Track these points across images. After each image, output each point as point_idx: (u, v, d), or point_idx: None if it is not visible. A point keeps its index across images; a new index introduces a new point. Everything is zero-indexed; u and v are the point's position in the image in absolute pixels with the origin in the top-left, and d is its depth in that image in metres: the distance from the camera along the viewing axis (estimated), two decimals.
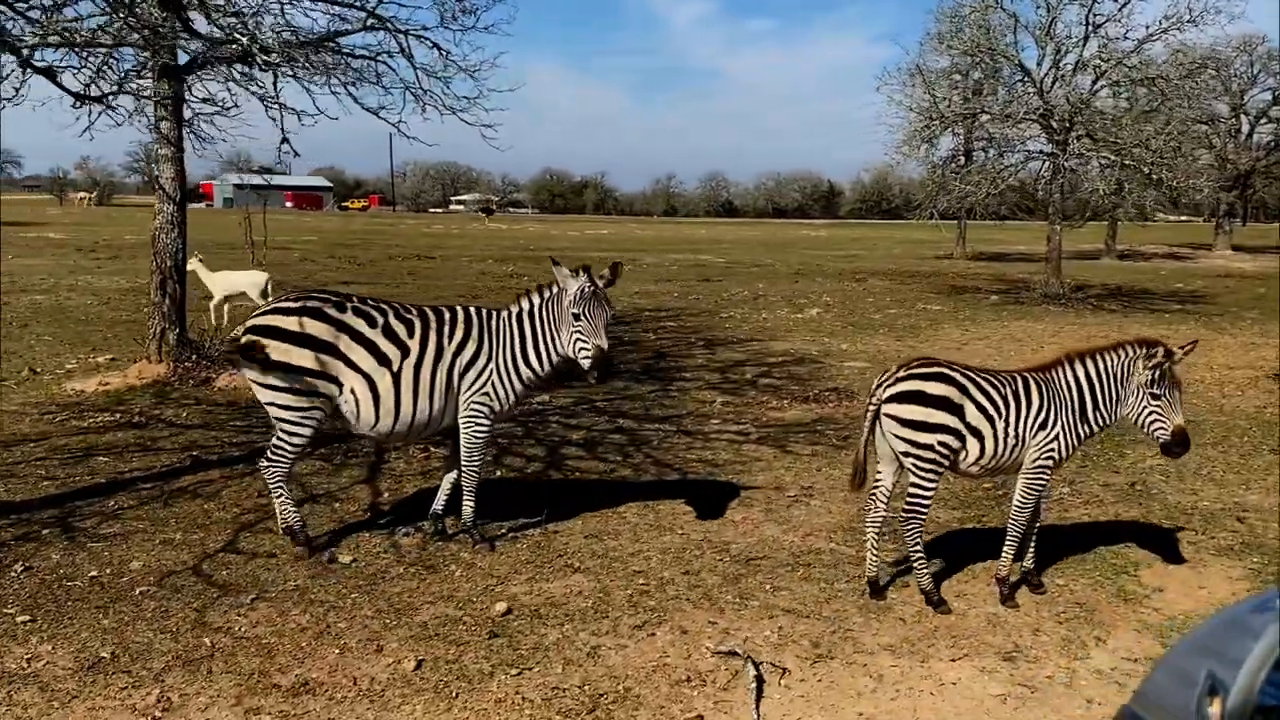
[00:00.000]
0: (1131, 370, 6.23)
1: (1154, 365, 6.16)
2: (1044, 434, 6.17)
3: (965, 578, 6.79)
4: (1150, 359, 6.17)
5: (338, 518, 7.60)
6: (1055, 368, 6.35)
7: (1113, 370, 6.27)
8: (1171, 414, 6.21)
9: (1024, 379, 6.28)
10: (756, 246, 53.56)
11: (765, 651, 5.59)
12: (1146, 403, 6.21)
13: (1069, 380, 6.28)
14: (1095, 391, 6.27)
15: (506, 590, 6.32)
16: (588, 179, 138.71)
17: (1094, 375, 6.27)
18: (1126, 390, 6.27)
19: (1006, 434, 6.10)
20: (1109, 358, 6.30)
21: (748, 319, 21.13)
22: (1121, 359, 6.27)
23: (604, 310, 6.71)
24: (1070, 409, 6.22)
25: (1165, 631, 6.01)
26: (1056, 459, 6.23)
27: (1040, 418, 6.16)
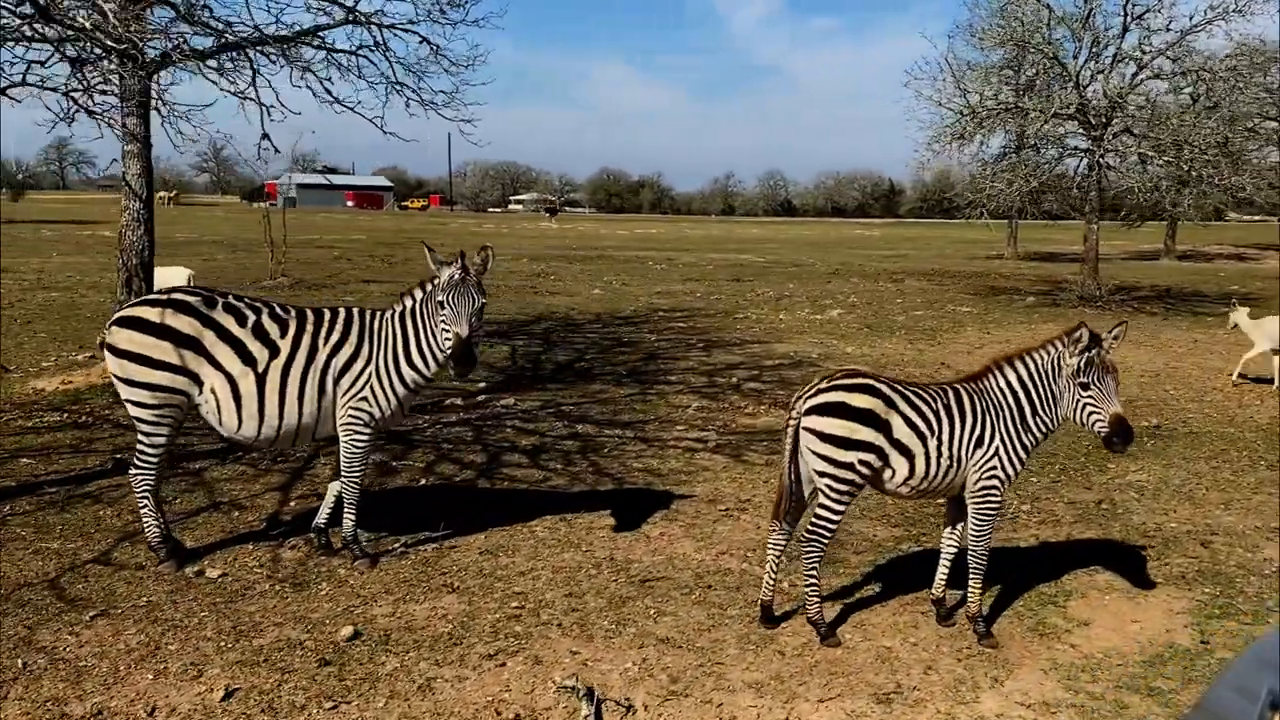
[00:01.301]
0: (1061, 364, 5.67)
1: (1080, 352, 5.59)
2: (982, 452, 5.62)
3: (879, 605, 6.25)
4: (1075, 345, 5.60)
5: (232, 528, 7.29)
6: (986, 376, 5.80)
7: (1044, 369, 5.72)
8: (1107, 403, 5.62)
9: (956, 391, 5.74)
10: (804, 246, 52.77)
11: (618, 686, 5.13)
12: (1078, 394, 5.64)
13: (1002, 388, 5.73)
14: (1032, 395, 5.72)
15: (368, 612, 5.93)
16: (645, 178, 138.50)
17: (1027, 378, 5.72)
18: (1060, 387, 5.70)
19: (940, 452, 5.56)
20: (1039, 357, 5.75)
21: (762, 320, 20.57)
22: (1051, 355, 5.72)
23: (470, 298, 6.28)
24: (1009, 419, 5.68)
25: (1075, 673, 5.42)
26: (1003, 477, 5.67)
27: (976, 433, 5.62)
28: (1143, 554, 7.18)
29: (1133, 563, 6.98)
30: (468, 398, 11.95)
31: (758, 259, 40.54)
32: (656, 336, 17.67)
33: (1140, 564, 6.98)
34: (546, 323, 19.04)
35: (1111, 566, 6.92)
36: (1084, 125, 23.67)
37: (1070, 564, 6.96)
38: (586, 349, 16.01)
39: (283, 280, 23.95)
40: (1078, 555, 7.14)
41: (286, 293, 22.97)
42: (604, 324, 19.23)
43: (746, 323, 20.09)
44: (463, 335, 6.21)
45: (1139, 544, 7.40)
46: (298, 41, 12.90)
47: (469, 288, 6.28)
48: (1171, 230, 44.88)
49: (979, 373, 5.84)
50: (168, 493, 8.00)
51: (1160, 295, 27.46)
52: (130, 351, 6.09)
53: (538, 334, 17.55)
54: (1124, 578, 6.74)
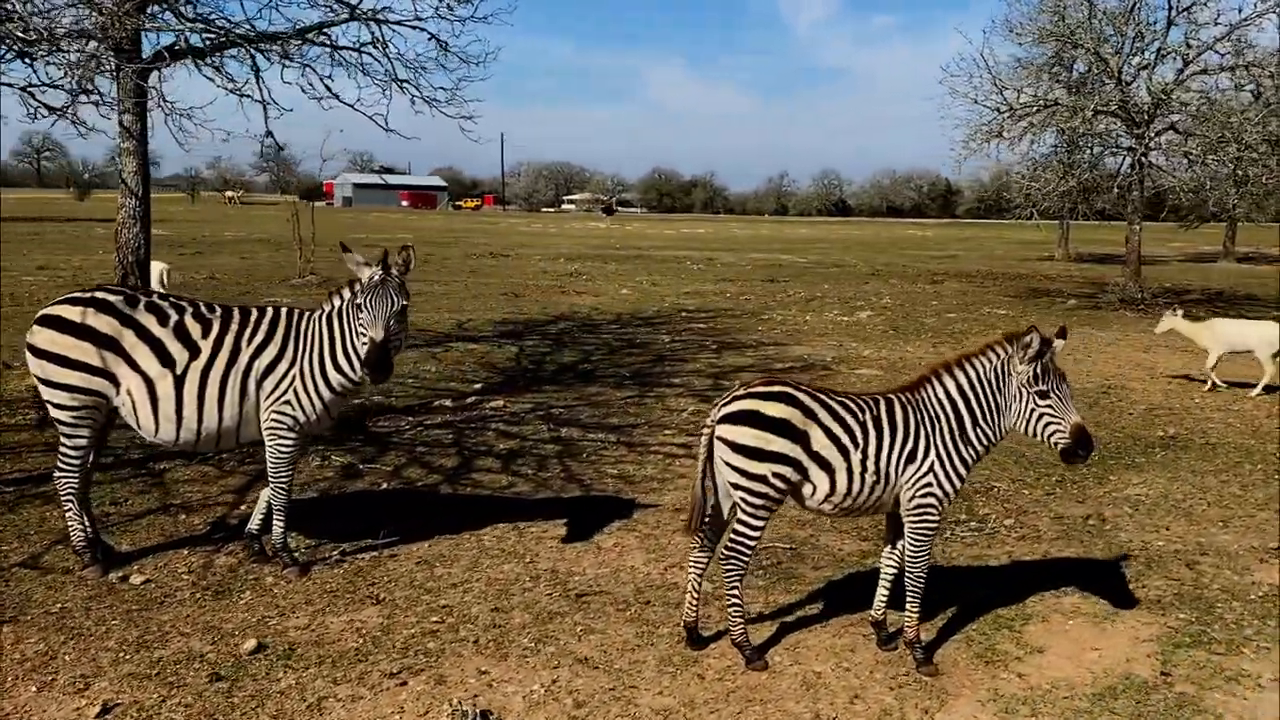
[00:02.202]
0: (1008, 371, 5.29)
1: (1032, 359, 5.21)
2: (915, 468, 5.26)
3: (821, 626, 5.92)
4: (1025, 350, 5.21)
5: (174, 531, 7.14)
6: (922, 386, 5.44)
7: (987, 377, 5.35)
8: (1066, 413, 5.25)
9: (889, 402, 5.39)
10: (852, 247, 52.05)
11: (518, 710, 4.86)
12: (1034, 404, 5.26)
13: (939, 398, 5.37)
14: (972, 405, 5.35)
15: (282, 623, 5.73)
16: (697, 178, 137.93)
17: (967, 387, 5.35)
18: (1007, 396, 5.32)
19: (864, 468, 5.20)
20: (980, 363, 5.38)
21: (787, 321, 20.17)
22: (995, 361, 5.34)
23: (389, 300, 6.05)
24: (946, 432, 5.31)
25: (1014, 705, 5.04)
26: (940, 495, 5.30)
27: (908, 447, 5.26)
28: (1120, 575, 6.75)
29: (1107, 584, 6.56)
30: (458, 399, 11.75)
31: (800, 260, 40.02)
32: (671, 338, 17.37)
33: (1115, 586, 6.55)
34: (564, 323, 18.82)
35: (1083, 588, 6.51)
36: (1126, 123, 22.90)
37: (1039, 585, 6.56)
38: (595, 350, 15.76)
39: (311, 278, 24.04)
40: (1049, 576, 6.73)
41: (315, 290, 23.05)
42: (622, 325, 18.97)
43: (770, 324, 19.71)
44: (377, 339, 5.99)
45: (1119, 564, 6.96)
46: (301, 38, 12.81)
47: (389, 289, 6.06)
48: (1231, 232, 43.48)
49: (915, 382, 5.48)
50: (122, 493, 7.91)
51: (1210, 298, 26.51)
52: (49, 352, 5.95)
53: (551, 335, 17.33)
54: (1094, 601, 6.33)
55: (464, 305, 21.13)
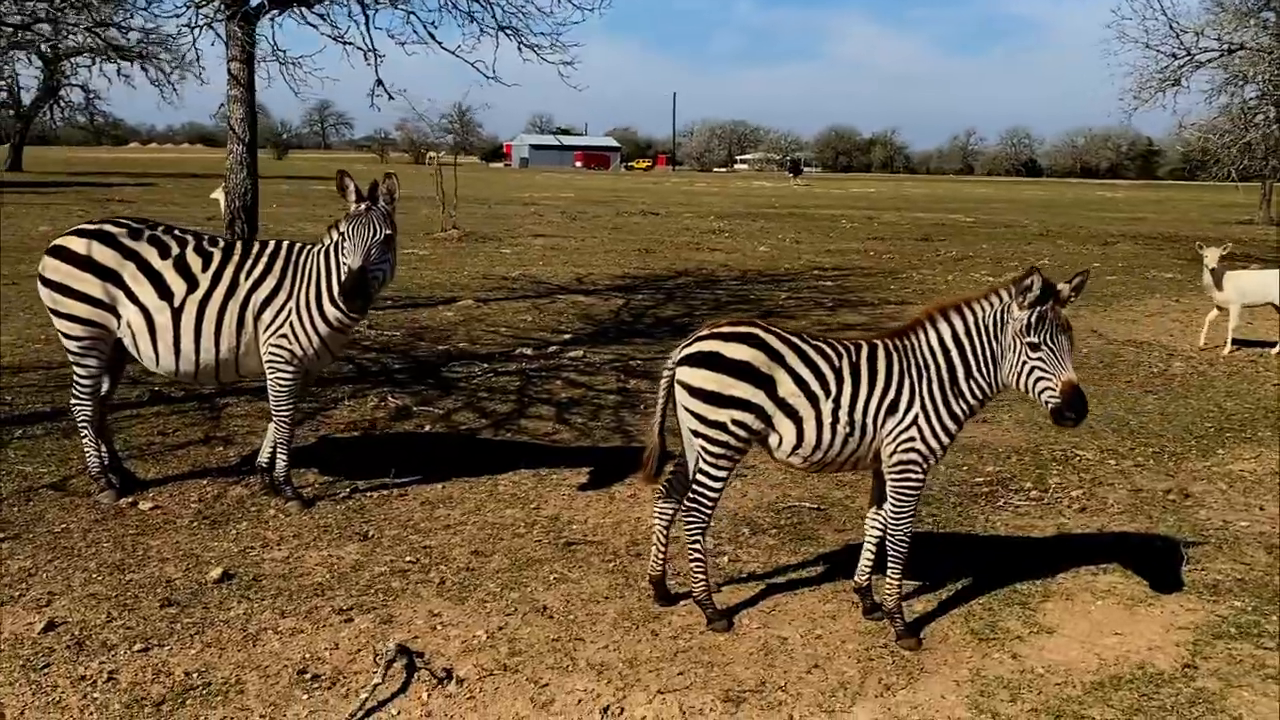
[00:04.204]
0: (1006, 318, 4.71)
1: (1030, 305, 4.64)
2: (896, 420, 4.77)
3: (812, 589, 5.50)
4: (1023, 295, 4.63)
5: (204, 462, 7.28)
6: (913, 332, 4.92)
7: (984, 323, 4.81)
8: (1058, 369, 4.66)
9: (871, 348, 4.89)
10: (1031, 207, 49.36)
11: (451, 655, 4.68)
12: (1025, 356, 4.68)
13: (930, 345, 4.85)
14: (967, 354, 4.82)
15: (261, 555, 5.73)
16: (876, 136, 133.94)
17: (962, 334, 4.82)
18: (1003, 345, 4.75)
19: (836, 418, 4.74)
20: (979, 308, 4.84)
21: (925, 282, 19.22)
22: (994, 307, 4.79)
23: (372, 229, 5.89)
24: (935, 382, 4.80)
25: (994, 688, 4.53)
26: (924, 451, 4.80)
27: (890, 397, 4.78)
28: (1174, 555, 6.01)
29: (1159, 565, 5.85)
30: (540, 348, 11.66)
31: (966, 219, 38.22)
32: (789, 294, 16.80)
33: (1168, 567, 5.83)
34: (684, 279, 18.50)
35: (1127, 567, 5.82)
36: None
37: (1077, 561, 5.91)
38: (701, 305, 15.39)
39: (454, 232, 24.48)
40: (1093, 552, 6.06)
41: (455, 244, 23.50)
42: (744, 281, 18.50)
43: (904, 283, 18.83)
44: (354, 267, 5.85)
45: (1177, 543, 6.20)
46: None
47: (372, 218, 5.91)
48: None
49: (907, 326, 4.95)
50: (173, 424, 8.15)
51: None
52: (56, 282, 6.10)
53: (665, 289, 17.06)
54: (1135, 581, 5.65)
55: (592, 260, 21.08)
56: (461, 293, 15.85)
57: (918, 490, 4.85)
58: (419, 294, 15.68)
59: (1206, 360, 12.13)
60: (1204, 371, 11.50)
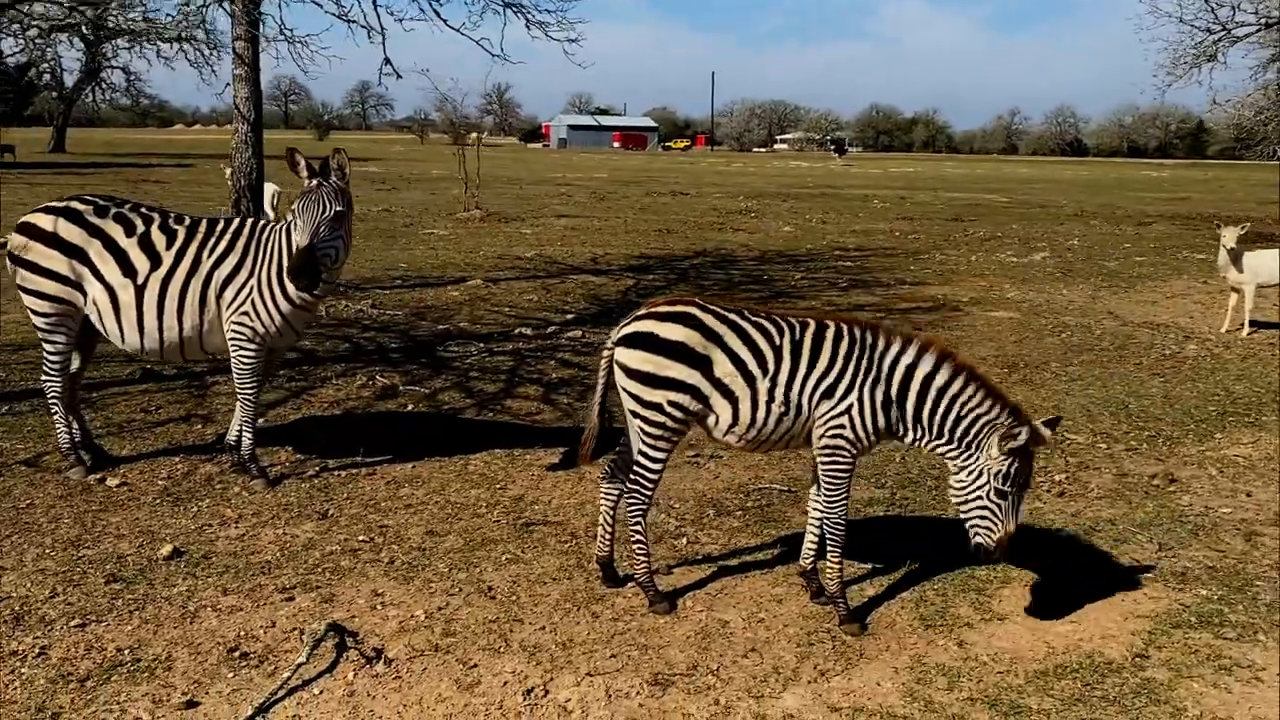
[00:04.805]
0: (984, 446, 4.62)
1: (1012, 450, 4.52)
2: (831, 405, 4.65)
3: (764, 572, 5.42)
4: (1009, 441, 4.50)
5: (182, 439, 7.32)
6: (881, 336, 4.73)
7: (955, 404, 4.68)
8: (1009, 521, 4.62)
9: (819, 327, 4.77)
10: (1073, 187, 48.50)
11: (385, 634, 4.66)
12: (988, 496, 4.60)
13: (890, 362, 4.70)
14: (923, 397, 4.69)
15: (219, 532, 5.74)
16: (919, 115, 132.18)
17: (936, 384, 4.65)
18: (971, 459, 4.65)
19: (772, 396, 4.65)
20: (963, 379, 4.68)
21: (946, 262, 18.94)
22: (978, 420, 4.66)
23: (322, 206, 5.83)
24: (872, 386, 4.66)
25: (933, 676, 4.42)
26: (851, 438, 4.66)
27: (827, 382, 4.64)
28: (1151, 542, 5.85)
29: (1128, 553, 5.69)
30: (540, 328, 11.62)
31: (1002, 199, 37.66)
32: (804, 275, 16.62)
33: (1141, 556, 5.67)
34: (700, 259, 18.38)
35: (1095, 554, 5.67)
36: None
37: (1043, 547, 5.77)
38: (712, 286, 15.27)
39: (476, 212, 24.48)
40: (1061, 538, 5.92)
41: (477, 224, 23.51)
42: (761, 261, 18.33)
43: (924, 264, 18.57)
44: (300, 244, 5.81)
45: (1157, 532, 6.04)
46: None
47: (322, 195, 5.86)
48: None
49: (875, 325, 4.78)
50: (157, 401, 8.21)
51: None
52: (23, 259, 6.14)
53: (679, 270, 16.95)
54: (1101, 569, 5.50)
55: (612, 240, 21.00)
56: (473, 272, 15.85)
57: (847, 474, 4.71)
58: (430, 274, 15.70)
59: (1223, 343, 11.83)
60: (1217, 355, 11.21)
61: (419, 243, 19.69)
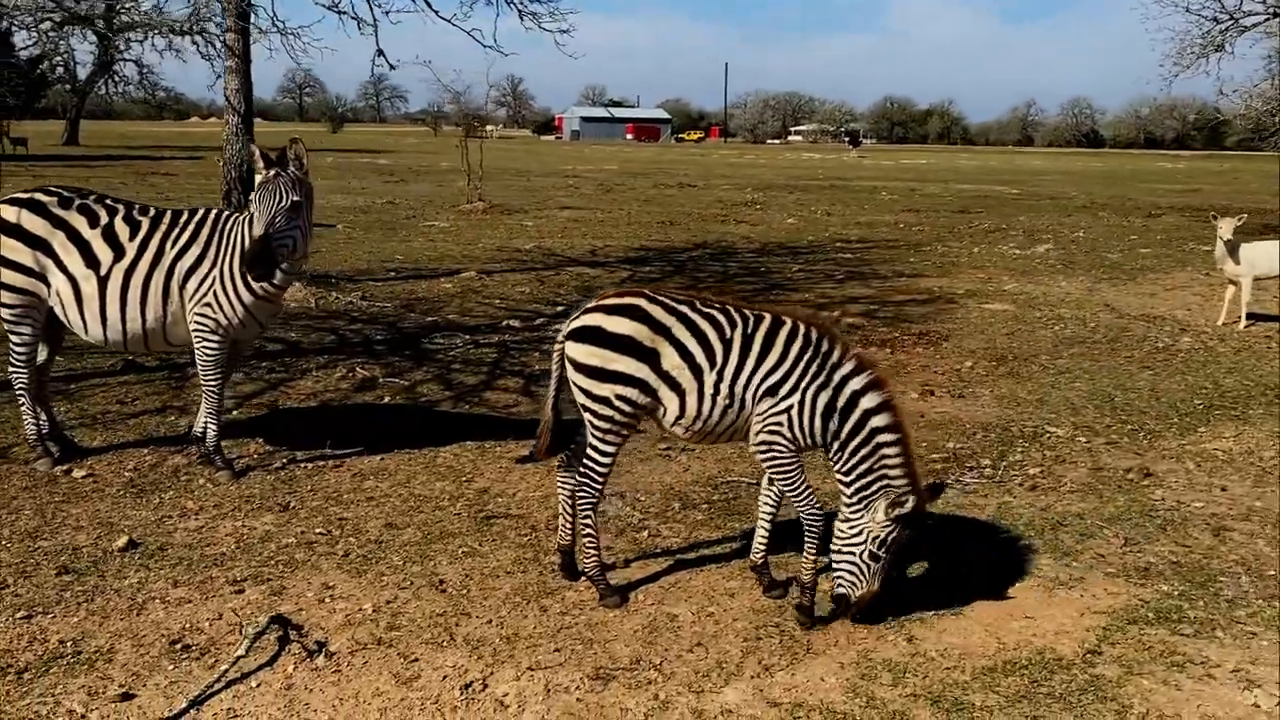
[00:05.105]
0: (871, 512, 4.59)
1: (897, 518, 4.52)
2: (773, 402, 4.57)
3: (721, 566, 5.38)
4: (896, 508, 4.49)
5: (153, 431, 7.32)
6: (835, 344, 4.66)
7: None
8: (873, 581, 4.62)
9: (774, 322, 4.69)
10: (1086, 179, 48.16)
11: (331, 628, 4.64)
12: (861, 556, 4.59)
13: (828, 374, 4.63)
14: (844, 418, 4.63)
15: (178, 524, 5.74)
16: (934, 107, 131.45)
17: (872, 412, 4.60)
18: (857, 514, 4.61)
19: (718, 390, 4.59)
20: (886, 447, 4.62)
21: (948, 254, 18.82)
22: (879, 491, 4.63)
23: (278, 196, 5.78)
24: (814, 389, 4.58)
25: (878, 672, 4.38)
26: (787, 436, 4.58)
27: (774, 378, 4.57)
28: (1117, 537, 5.78)
29: (1094, 546, 5.63)
30: (527, 320, 11.60)
31: (1012, 191, 37.39)
32: (801, 267, 16.54)
33: (1094, 548, 5.61)
34: (699, 251, 18.32)
35: (1058, 549, 5.61)
36: None
37: (1009, 544, 5.71)
38: (707, 278, 15.22)
39: (479, 204, 24.46)
40: (1025, 532, 5.85)
41: (479, 215, 23.50)
42: (760, 253, 18.26)
43: (926, 256, 18.46)
44: (255, 234, 5.78)
45: (1127, 524, 5.97)
46: None
47: (279, 185, 5.82)
48: None
49: (830, 330, 4.71)
50: (136, 393, 8.21)
51: None
52: None
53: (676, 262, 16.90)
54: (1065, 563, 5.45)
55: (613, 232, 20.95)
56: (469, 264, 15.83)
57: (793, 467, 4.62)
58: (426, 265, 15.69)
59: (1218, 336, 11.70)
60: (1212, 347, 11.10)
61: (418, 234, 19.69)
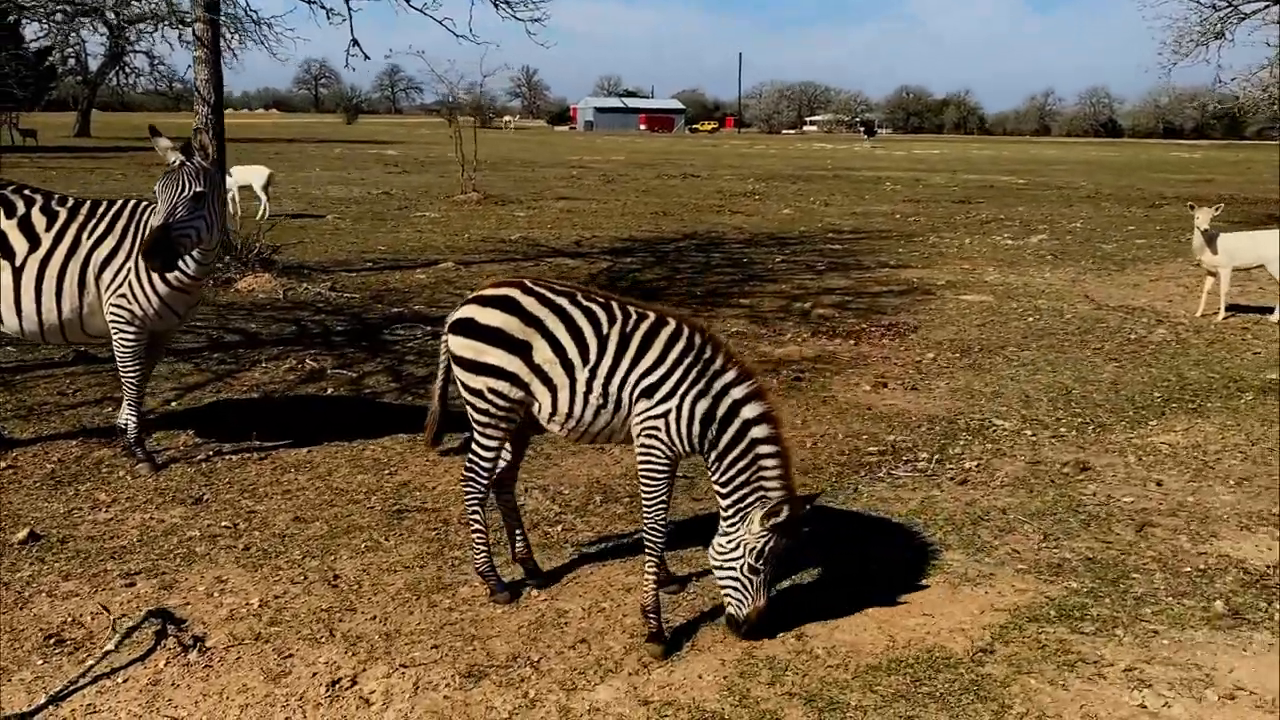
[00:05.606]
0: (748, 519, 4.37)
1: (772, 527, 4.29)
2: (649, 404, 4.39)
3: (626, 561, 5.29)
4: (771, 517, 4.27)
5: (88, 423, 7.29)
6: (718, 352, 4.47)
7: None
8: (758, 596, 4.39)
9: (657, 321, 4.49)
10: (1097, 169, 47.68)
11: (214, 622, 4.60)
12: (743, 569, 4.36)
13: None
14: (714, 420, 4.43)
15: (86, 516, 5.71)
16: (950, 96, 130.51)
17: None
18: (733, 527, 4.42)
19: (590, 389, 4.45)
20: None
21: (937, 245, 18.63)
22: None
23: (180, 185, 5.69)
24: (696, 390, 4.40)
25: (758, 670, 4.30)
26: (666, 441, 4.40)
27: (650, 380, 4.40)
28: (1036, 532, 5.67)
29: (1011, 541, 5.52)
30: None
31: (1019, 181, 37.05)
32: (785, 258, 16.41)
33: (1020, 544, 5.50)
34: (686, 242, 18.22)
35: (973, 546, 5.51)
36: None
37: (924, 540, 5.61)
38: (688, 268, 15.12)
39: (473, 195, 24.43)
40: (939, 528, 5.75)
41: (473, 206, 23.48)
42: (748, 244, 18.15)
43: (915, 246, 18.29)
44: (154, 225, 5.72)
45: (1050, 519, 5.86)
46: None
47: (182, 175, 5.75)
48: None
49: (715, 341, 4.55)
50: (78, 384, 8.20)
51: None
52: None
53: (661, 252, 16.80)
54: (976, 560, 5.35)
55: (604, 223, 20.87)
56: (449, 255, 15.78)
57: (663, 476, 4.45)
58: (406, 257, 15.66)
59: (1194, 328, 11.53)
60: (1184, 339, 10.93)
61: (407, 225, 19.68)
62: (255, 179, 19.66)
